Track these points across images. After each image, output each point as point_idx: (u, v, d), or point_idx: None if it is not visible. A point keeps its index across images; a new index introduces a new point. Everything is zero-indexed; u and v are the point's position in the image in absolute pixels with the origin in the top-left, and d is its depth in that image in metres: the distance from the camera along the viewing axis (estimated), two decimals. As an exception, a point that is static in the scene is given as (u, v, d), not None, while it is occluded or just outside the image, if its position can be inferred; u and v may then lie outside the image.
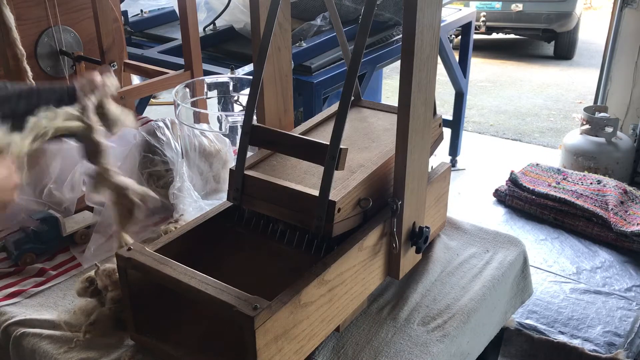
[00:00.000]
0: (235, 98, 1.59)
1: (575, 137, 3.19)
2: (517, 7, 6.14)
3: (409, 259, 1.10)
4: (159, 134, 1.37)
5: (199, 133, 1.40)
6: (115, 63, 1.64)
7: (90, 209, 1.35)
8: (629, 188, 2.18)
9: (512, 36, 6.90)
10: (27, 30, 1.59)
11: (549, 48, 6.78)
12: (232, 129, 1.44)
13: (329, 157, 0.91)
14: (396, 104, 0.98)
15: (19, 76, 1.38)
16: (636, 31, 3.19)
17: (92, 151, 1.09)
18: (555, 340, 1.59)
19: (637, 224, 1.96)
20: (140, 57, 2.41)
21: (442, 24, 2.06)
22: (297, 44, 2.37)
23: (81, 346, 1.01)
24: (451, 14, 3.31)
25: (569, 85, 5.76)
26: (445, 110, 4.11)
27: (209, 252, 1.04)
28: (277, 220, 1.07)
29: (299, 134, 1.13)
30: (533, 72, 6.20)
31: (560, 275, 1.85)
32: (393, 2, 2.67)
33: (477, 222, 1.38)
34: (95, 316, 1.03)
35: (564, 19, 6.10)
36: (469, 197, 3.21)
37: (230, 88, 1.60)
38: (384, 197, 1.05)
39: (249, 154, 1.05)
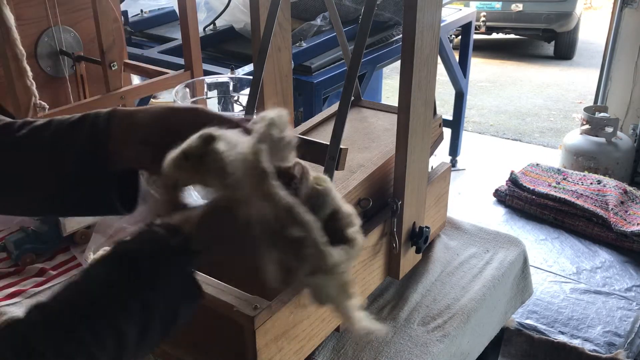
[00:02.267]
0: (235, 98, 1.59)
1: (576, 137, 3.19)
2: (517, 7, 6.14)
3: (409, 259, 1.10)
4: (159, 134, 1.37)
5: (199, 133, 1.40)
6: (115, 63, 1.64)
7: (90, 209, 1.34)
8: (629, 188, 2.18)
9: (512, 36, 6.90)
10: (27, 30, 1.58)
11: (549, 48, 6.78)
12: (232, 129, 1.44)
13: (329, 157, 0.91)
14: (396, 104, 0.98)
15: (19, 76, 1.38)
16: (636, 31, 3.19)
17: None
18: (555, 340, 1.59)
19: (637, 223, 1.95)
20: (140, 57, 2.41)
21: (442, 24, 2.05)
22: (297, 44, 2.36)
23: (81, 346, 1.01)
24: (451, 14, 3.31)
25: (569, 85, 5.76)
26: (445, 110, 4.11)
27: (209, 252, 1.04)
28: (277, 220, 1.07)
29: (299, 134, 1.13)
30: (533, 72, 6.20)
31: (561, 275, 1.84)
32: (393, 2, 2.67)
33: (477, 222, 1.38)
34: None
35: (564, 19, 6.11)
36: (469, 197, 3.21)
37: (230, 88, 1.60)
38: (384, 197, 1.05)
39: (249, 154, 1.05)
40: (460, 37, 3.54)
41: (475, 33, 4.38)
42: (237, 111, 1.56)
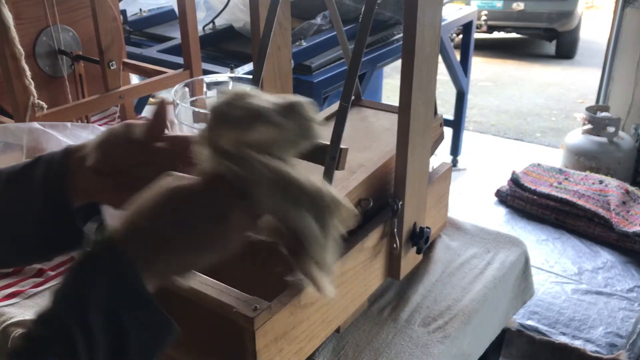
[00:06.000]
0: (235, 97, 1.58)
1: (577, 137, 3.18)
2: (519, 6, 6.14)
3: (409, 259, 1.09)
4: (158, 133, 1.36)
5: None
6: (114, 62, 1.63)
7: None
8: (630, 188, 2.17)
9: (513, 35, 6.89)
10: (25, 29, 1.58)
11: (551, 47, 6.78)
12: (232, 129, 1.43)
13: (329, 157, 0.90)
14: (397, 104, 0.97)
15: (17, 75, 1.37)
16: (638, 30, 3.18)
17: None
18: (557, 341, 1.58)
19: (639, 224, 1.95)
20: (139, 56, 2.40)
21: (443, 23, 2.05)
22: (297, 43, 2.36)
23: (79, 347, 1.00)
24: (452, 13, 3.30)
25: (571, 85, 5.75)
26: (446, 110, 4.11)
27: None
28: (277, 221, 1.06)
29: (299, 134, 1.12)
30: (534, 72, 6.20)
31: (562, 276, 1.84)
32: (394, 1, 2.66)
33: (478, 223, 1.37)
34: None
35: (565, 18, 6.10)
36: (470, 197, 3.20)
37: (230, 87, 1.59)
38: (384, 197, 1.04)
39: (249, 153, 1.04)
40: (461, 36, 3.54)
41: (476, 32, 4.37)
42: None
